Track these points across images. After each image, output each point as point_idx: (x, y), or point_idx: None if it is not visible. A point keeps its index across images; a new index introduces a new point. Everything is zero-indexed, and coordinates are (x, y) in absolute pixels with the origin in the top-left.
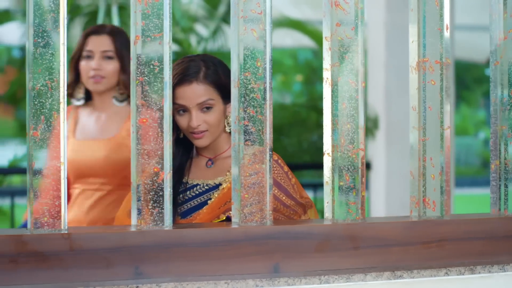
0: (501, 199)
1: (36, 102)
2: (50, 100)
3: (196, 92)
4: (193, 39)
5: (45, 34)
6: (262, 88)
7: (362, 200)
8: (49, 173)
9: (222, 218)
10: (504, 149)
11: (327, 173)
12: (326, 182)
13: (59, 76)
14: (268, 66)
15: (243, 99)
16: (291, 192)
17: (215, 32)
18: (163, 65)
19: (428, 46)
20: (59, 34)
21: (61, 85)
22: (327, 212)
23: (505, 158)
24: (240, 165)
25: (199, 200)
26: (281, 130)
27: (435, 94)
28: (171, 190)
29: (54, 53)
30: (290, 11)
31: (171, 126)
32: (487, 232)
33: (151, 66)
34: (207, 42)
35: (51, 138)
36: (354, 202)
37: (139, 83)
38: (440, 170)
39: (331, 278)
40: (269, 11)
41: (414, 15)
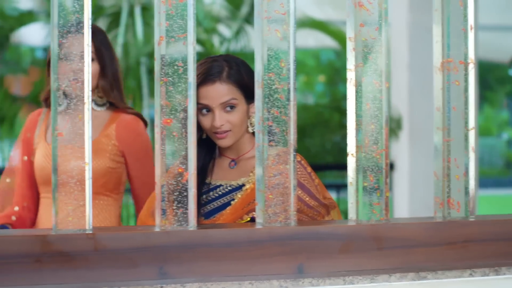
0: None
1: (60, 103)
2: (74, 100)
3: (219, 91)
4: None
5: (69, 35)
6: (286, 88)
7: (386, 200)
8: (73, 173)
9: (247, 219)
10: None
11: (351, 173)
12: (350, 182)
13: (84, 76)
14: (292, 67)
15: (267, 100)
16: (315, 193)
17: (238, 32)
18: (187, 65)
19: (452, 46)
20: (84, 35)
21: (85, 86)
22: (351, 212)
23: None
24: (264, 165)
25: (222, 201)
26: (304, 131)
27: (459, 94)
28: (195, 191)
29: (78, 54)
30: (312, 12)
31: (195, 127)
32: None
33: (175, 67)
34: (230, 42)
35: (76, 139)
36: (378, 202)
37: (163, 84)
38: (464, 171)
39: (355, 279)
40: (293, 12)
41: (438, 16)
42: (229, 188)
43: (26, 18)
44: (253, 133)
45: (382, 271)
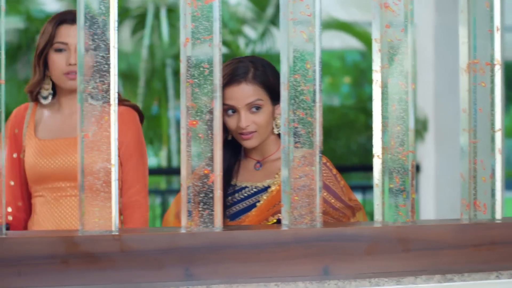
0: None
1: (87, 104)
2: (101, 102)
3: (245, 92)
4: (241, 41)
5: (95, 37)
6: (311, 90)
7: (412, 202)
8: (100, 174)
9: (272, 221)
10: None
11: (377, 175)
12: (376, 184)
13: (110, 78)
14: (317, 68)
15: (293, 101)
16: (340, 194)
17: (264, 34)
18: (213, 67)
19: (478, 47)
20: (109, 36)
21: (111, 87)
22: (377, 214)
23: None
24: (290, 167)
25: (248, 202)
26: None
27: (486, 96)
28: (221, 192)
29: (104, 55)
30: (338, 13)
31: (221, 128)
32: None
33: (201, 69)
34: (256, 44)
35: (102, 140)
36: (404, 204)
37: (189, 85)
38: (490, 173)
39: (381, 281)
40: (318, 13)
41: (464, 17)
42: (254, 190)
43: None
44: (278, 134)
45: (408, 273)
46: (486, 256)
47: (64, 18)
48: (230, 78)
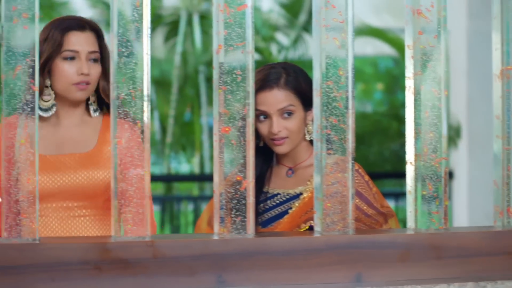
0: None
1: (120, 111)
2: (133, 109)
3: (277, 97)
4: (274, 48)
5: (128, 44)
6: (344, 96)
7: (445, 209)
8: (133, 181)
9: (305, 228)
10: None
11: (410, 182)
12: (409, 191)
13: (143, 85)
14: (350, 75)
15: (325, 108)
16: (372, 201)
17: (296, 40)
18: (246, 74)
19: None
20: (143, 43)
21: (144, 94)
22: (410, 221)
23: None
24: (322, 174)
25: (280, 209)
26: (362, 139)
27: None
28: (254, 199)
29: (137, 62)
30: (371, 19)
31: (254, 135)
32: None
33: (234, 75)
34: (288, 50)
35: (135, 147)
36: (437, 211)
37: (222, 92)
38: None
39: None
40: (351, 20)
41: (497, 23)
42: (286, 196)
43: None
44: (310, 141)
45: (440, 280)
46: None
47: (70, 25)
48: (262, 84)
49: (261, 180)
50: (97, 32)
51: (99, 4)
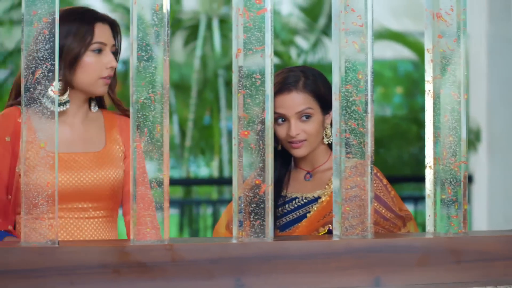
0: None
1: (139, 115)
2: (153, 112)
3: (295, 100)
4: (293, 52)
5: (148, 48)
6: (363, 100)
7: (464, 213)
8: (152, 184)
9: (323, 232)
10: None
11: (429, 186)
12: (428, 195)
13: (162, 89)
14: (369, 79)
15: (345, 112)
16: (391, 205)
17: (315, 44)
18: (265, 77)
19: None
20: (162, 48)
21: (164, 98)
22: (429, 225)
23: None
24: (341, 177)
25: (298, 213)
26: (381, 142)
27: None
28: (273, 203)
29: (157, 66)
30: (390, 23)
31: (273, 139)
32: None
33: (253, 79)
34: (307, 54)
35: (154, 151)
36: (456, 215)
37: (241, 96)
38: None
39: None
40: (370, 23)
41: None
42: (304, 200)
43: None
44: (328, 144)
45: (460, 285)
46: None
47: (94, 16)
48: (281, 87)
49: (279, 184)
50: (113, 24)
51: (119, 8)
